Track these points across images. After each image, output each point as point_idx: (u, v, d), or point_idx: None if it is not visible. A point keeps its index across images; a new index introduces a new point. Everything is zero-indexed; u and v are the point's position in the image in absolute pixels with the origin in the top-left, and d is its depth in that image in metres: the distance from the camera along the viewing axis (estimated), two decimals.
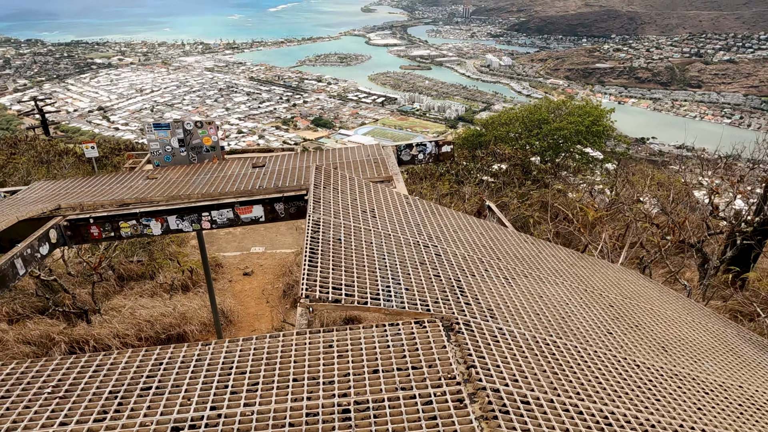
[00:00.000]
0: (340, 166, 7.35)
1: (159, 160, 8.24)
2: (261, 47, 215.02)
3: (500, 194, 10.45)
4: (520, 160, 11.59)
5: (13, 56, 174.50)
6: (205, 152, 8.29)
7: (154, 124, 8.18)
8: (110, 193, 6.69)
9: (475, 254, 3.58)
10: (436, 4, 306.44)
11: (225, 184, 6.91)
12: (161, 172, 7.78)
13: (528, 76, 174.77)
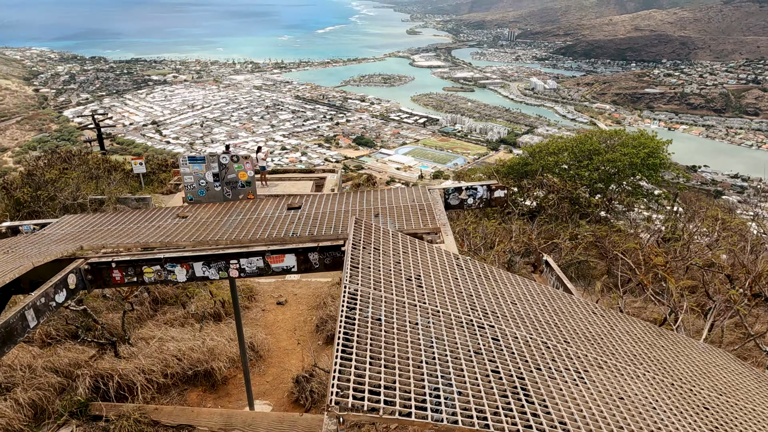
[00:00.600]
0: (382, 212, 6.74)
1: (192, 194, 7.93)
2: (308, 67, 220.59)
3: (549, 231, 9.74)
4: (568, 192, 10.84)
5: (78, 72, 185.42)
6: (240, 187, 7.98)
7: (189, 157, 7.94)
8: (136, 233, 6.39)
9: (539, 336, 3.05)
10: (482, 27, 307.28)
11: (257, 228, 6.51)
12: (192, 210, 7.46)
13: (573, 99, 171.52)
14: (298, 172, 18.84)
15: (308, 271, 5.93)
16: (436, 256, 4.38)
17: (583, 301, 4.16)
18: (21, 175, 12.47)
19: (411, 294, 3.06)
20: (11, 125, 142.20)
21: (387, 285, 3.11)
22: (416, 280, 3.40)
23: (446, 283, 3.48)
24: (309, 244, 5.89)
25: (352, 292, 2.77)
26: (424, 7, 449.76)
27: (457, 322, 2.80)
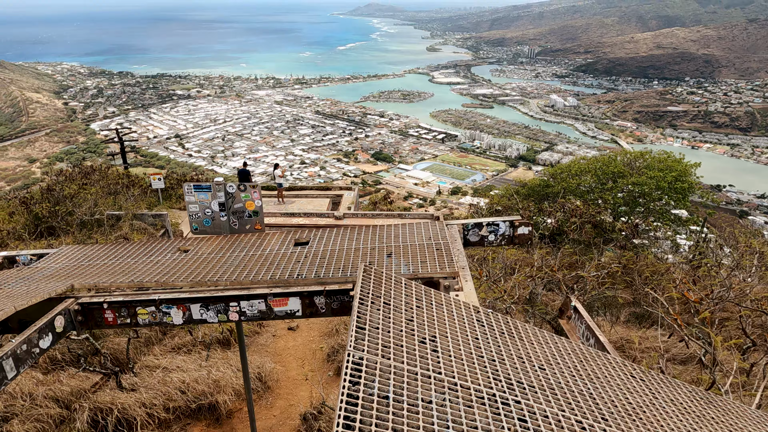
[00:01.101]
0: (395, 252, 6.24)
1: (198, 224, 7.55)
2: (328, 83, 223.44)
3: (573, 259, 9.26)
4: (591, 216, 10.34)
5: (106, 86, 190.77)
6: (248, 217, 7.58)
7: (195, 186, 7.54)
8: (132, 270, 6.07)
9: (573, 413, 2.66)
10: (502, 44, 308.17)
11: (260, 267, 6.13)
12: (194, 244, 7.11)
13: (594, 117, 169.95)
14: (315, 189, 18.67)
15: (314, 316, 5.53)
16: (454, 311, 3.93)
17: (620, 362, 3.71)
18: (41, 190, 12.53)
19: (425, 361, 2.68)
20: (41, 137, 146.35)
21: (397, 351, 2.72)
22: (431, 342, 2.99)
23: (465, 346, 3.05)
24: (315, 288, 5.55)
25: (357, 361, 2.41)
26: (444, 24, 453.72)
27: (477, 397, 2.43)
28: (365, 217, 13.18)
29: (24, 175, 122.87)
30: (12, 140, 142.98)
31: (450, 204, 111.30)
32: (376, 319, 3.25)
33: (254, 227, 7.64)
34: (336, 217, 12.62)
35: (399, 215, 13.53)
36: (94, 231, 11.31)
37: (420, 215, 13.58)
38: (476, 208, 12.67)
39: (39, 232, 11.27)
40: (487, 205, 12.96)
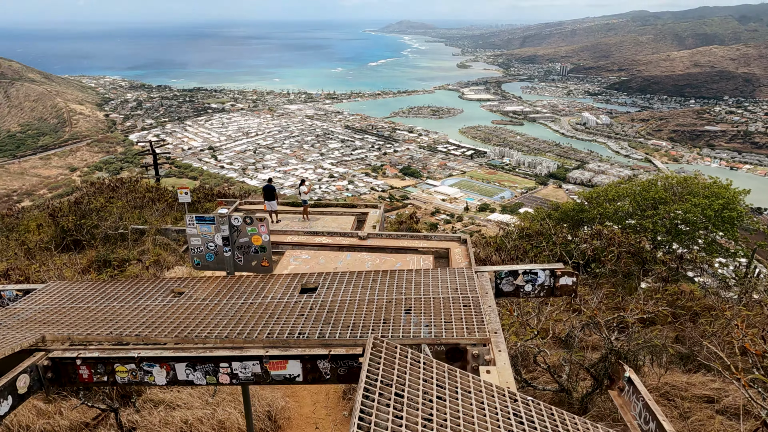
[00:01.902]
0: (416, 306, 5.56)
1: (200, 259, 6.98)
2: (358, 98, 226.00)
3: (610, 290, 8.74)
4: (630, 245, 9.70)
5: (145, 99, 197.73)
6: (254, 253, 6.93)
7: (197, 217, 6.90)
8: (115, 316, 5.64)
9: None
10: (533, 61, 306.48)
11: (258, 320, 5.56)
12: (191, 285, 6.53)
13: (627, 135, 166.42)
14: (340, 206, 18.62)
15: (317, 382, 4.99)
16: (485, 402, 3.22)
17: None
18: (68, 203, 12.81)
19: None
20: (82, 147, 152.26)
21: None
22: None
23: None
24: (319, 351, 4.94)
25: None
26: (476, 41, 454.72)
27: None
28: (390, 238, 13.01)
29: (65, 183, 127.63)
30: (56, 149, 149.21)
31: (477, 221, 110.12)
32: (384, 418, 2.81)
33: (261, 264, 7.03)
34: (360, 237, 12.50)
35: (425, 237, 13.32)
36: (117, 245, 11.47)
37: (447, 237, 13.31)
38: (506, 232, 12.18)
39: (65, 244, 11.49)
40: (516, 229, 12.50)
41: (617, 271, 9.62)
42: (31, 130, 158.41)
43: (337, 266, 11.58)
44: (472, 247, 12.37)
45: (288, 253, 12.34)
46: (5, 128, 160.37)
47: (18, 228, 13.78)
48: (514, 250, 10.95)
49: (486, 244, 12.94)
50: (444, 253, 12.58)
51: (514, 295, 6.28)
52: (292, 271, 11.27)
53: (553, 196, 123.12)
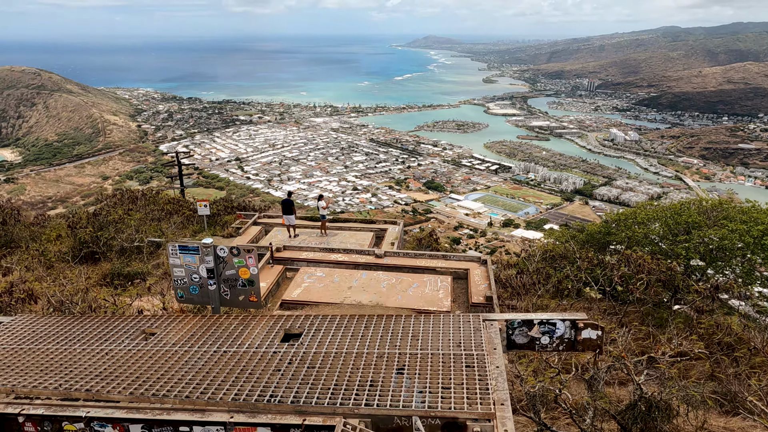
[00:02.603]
0: (410, 362, 4.79)
1: (183, 291, 6.42)
2: (383, 112, 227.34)
3: (640, 323, 8.13)
4: (662, 273, 9.03)
5: (176, 111, 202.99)
6: (241, 287, 6.31)
7: (180, 246, 6.36)
8: (74, 363, 5.11)
9: None
10: (560, 76, 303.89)
11: (227, 374, 4.88)
12: (163, 325, 5.86)
13: (656, 152, 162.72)
14: (359, 222, 18.38)
15: None
16: None
17: None
18: (87, 215, 12.91)
19: None
20: (114, 156, 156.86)
21: None
22: None
23: None
24: (291, 419, 4.21)
25: None
26: (502, 57, 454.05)
27: None
28: (407, 256, 12.69)
29: (97, 191, 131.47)
30: (89, 158, 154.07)
31: (501, 236, 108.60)
32: None
33: (249, 299, 6.36)
34: (376, 255, 12.21)
35: (443, 256, 12.96)
36: (133, 258, 11.46)
37: (466, 257, 12.92)
38: (528, 253, 11.64)
39: (83, 256, 11.55)
40: (539, 251, 11.97)
41: (646, 300, 9.01)
42: (67, 140, 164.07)
43: (351, 285, 11.32)
44: (492, 269, 11.95)
45: (302, 270, 12.14)
46: (43, 137, 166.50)
47: (41, 238, 13.97)
48: (536, 274, 10.47)
49: (507, 265, 12.50)
50: (463, 274, 12.19)
51: (528, 347, 5.25)
52: (305, 289, 11.05)
53: (579, 212, 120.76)
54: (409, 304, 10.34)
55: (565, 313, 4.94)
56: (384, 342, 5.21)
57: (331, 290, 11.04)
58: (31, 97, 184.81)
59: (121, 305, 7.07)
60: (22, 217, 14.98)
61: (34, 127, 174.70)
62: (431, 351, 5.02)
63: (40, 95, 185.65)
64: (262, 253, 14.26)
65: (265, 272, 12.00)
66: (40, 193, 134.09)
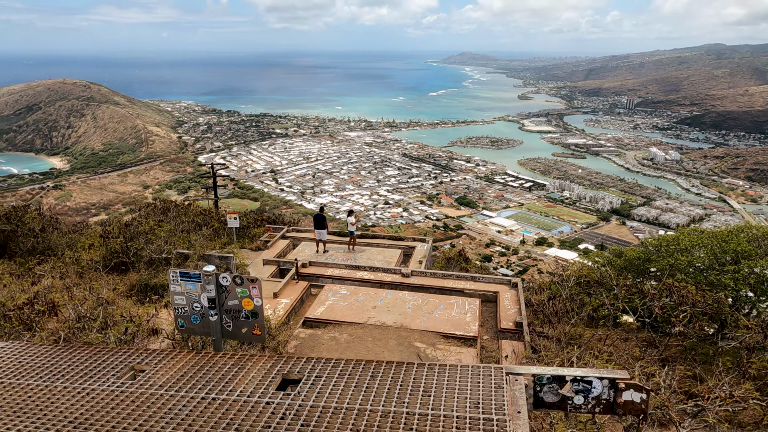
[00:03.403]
0: (419, 425, 4.08)
1: (184, 321, 6.16)
2: (417, 127, 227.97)
3: (682, 357, 7.47)
4: (708, 305, 8.32)
5: (215, 123, 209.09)
6: (244, 319, 6.01)
7: (181, 273, 6.08)
8: (56, 402, 4.71)
9: None
10: (597, 94, 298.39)
11: (213, 427, 4.36)
12: (154, 362, 5.34)
13: (699, 173, 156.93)
14: (387, 239, 18.15)
15: None
16: None
17: None
18: (119, 225, 13.17)
19: None
20: (155, 166, 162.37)
21: None
22: None
23: None
24: None
25: None
26: (538, 73, 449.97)
27: None
28: (434, 276, 12.37)
29: (137, 199, 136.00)
30: (132, 167, 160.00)
31: (534, 255, 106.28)
32: None
33: (252, 332, 6.03)
34: (403, 274, 11.95)
35: (472, 277, 12.58)
36: (161, 269, 11.56)
37: (496, 279, 12.51)
38: (561, 278, 11.08)
39: (113, 265, 11.75)
40: (574, 275, 11.41)
41: (690, 334, 8.37)
42: (112, 149, 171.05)
43: (376, 304, 11.07)
44: (523, 292, 11.49)
45: (327, 287, 11.97)
46: (90, 146, 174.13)
47: (76, 246, 14.32)
48: (570, 301, 9.96)
49: (539, 289, 12.02)
50: (492, 297, 11.78)
51: (558, 407, 4.49)
52: (329, 307, 10.86)
53: (615, 232, 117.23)
54: (435, 328, 10.01)
55: (604, 370, 4.30)
56: (391, 397, 4.70)
57: (355, 309, 10.82)
58: (80, 108, 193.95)
59: (138, 321, 7.02)
60: (59, 225, 15.44)
61: (82, 136, 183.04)
62: (444, 412, 4.44)
63: (89, 107, 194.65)
64: (287, 269, 14.21)
65: (290, 288, 11.89)
66: (85, 200, 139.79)
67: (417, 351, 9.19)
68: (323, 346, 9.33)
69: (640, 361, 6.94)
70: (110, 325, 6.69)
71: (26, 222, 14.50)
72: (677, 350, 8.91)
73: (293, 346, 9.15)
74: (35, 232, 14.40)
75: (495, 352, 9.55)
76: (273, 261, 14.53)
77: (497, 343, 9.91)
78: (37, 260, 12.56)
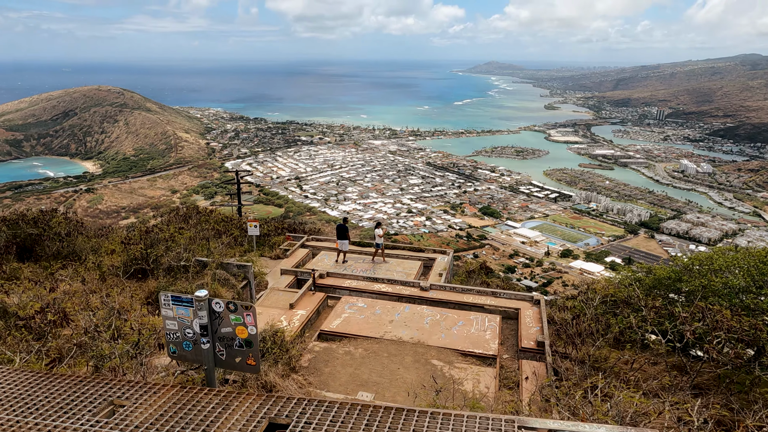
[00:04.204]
0: None
1: (176, 347, 5.77)
2: (441, 136, 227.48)
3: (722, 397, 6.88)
4: (745, 332, 7.72)
5: (242, 130, 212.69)
6: (238, 347, 5.60)
7: (173, 297, 5.70)
8: None
9: None
10: (626, 104, 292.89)
11: None
12: (134, 398, 4.92)
13: (732, 186, 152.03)
14: (407, 250, 17.91)
15: None
16: None
17: None
18: (139, 232, 13.29)
19: None
20: (184, 171, 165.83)
21: None
22: None
23: None
24: None
25: None
26: (565, 83, 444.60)
27: None
28: (454, 291, 12.06)
29: (166, 204, 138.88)
30: (161, 172, 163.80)
31: (559, 267, 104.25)
32: None
33: (246, 362, 5.61)
34: (422, 287, 11.69)
35: (493, 293, 12.23)
36: (179, 277, 11.57)
37: (518, 295, 12.13)
38: (586, 297, 10.57)
39: (133, 272, 11.84)
40: (600, 294, 10.90)
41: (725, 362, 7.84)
42: (143, 154, 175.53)
43: (393, 319, 10.83)
44: (545, 310, 11.09)
45: (344, 300, 11.80)
46: (122, 151, 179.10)
47: (100, 250, 14.51)
48: (595, 322, 9.49)
49: (563, 307, 11.59)
50: (513, 314, 11.40)
51: None
52: (345, 319, 10.67)
53: (644, 246, 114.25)
54: (453, 345, 9.71)
55: (630, 429, 3.85)
56: None
57: (371, 323, 10.60)
58: (114, 114, 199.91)
59: (147, 335, 6.95)
60: (85, 229, 15.69)
61: (114, 141, 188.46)
62: None
63: (122, 113, 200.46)
64: (305, 279, 14.11)
65: (306, 299, 11.76)
66: (116, 203, 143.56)
67: (433, 369, 8.91)
68: (338, 360, 9.13)
69: (670, 395, 6.48)
70: (117, 338, 6.63)
71: (53, 226, 14.78)
72: (710, 376, 8.41)
73: (307, 359, 8.98)
74: (61, 236, 14.65)
75: (515, 372, 9.19)
76: (290, 271, 14.45)
77: (517, 362, 9.55)
78: (61, 264, 12.75)
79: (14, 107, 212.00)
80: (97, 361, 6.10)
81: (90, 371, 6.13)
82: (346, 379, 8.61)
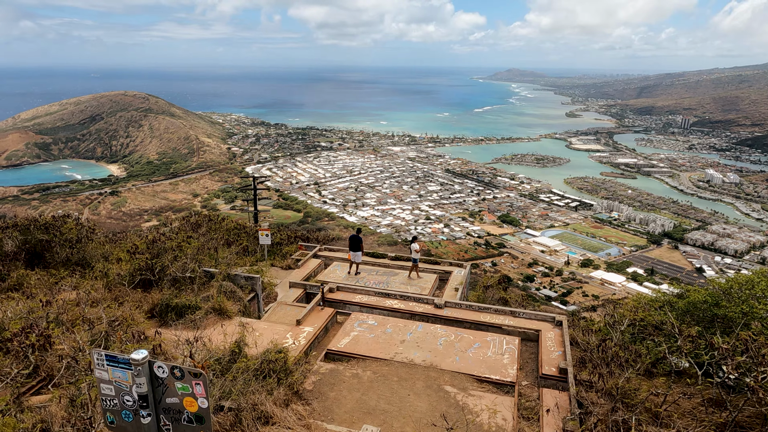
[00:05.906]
0: None
1: (113, 416, 4.71)
2: (461, 143, 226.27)
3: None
4: None
5: (263, 135, 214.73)
6: (186, 422, 4.55)
7: (107, 356, 4.64)
8: None
9: None
10: (650, 113, 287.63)
11: None
12: None
13: (760, 197, 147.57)
14: (422, 262, 17.30)
15: None
16: None
17: None
18: (146, 241, 12.98)
19: None
20: (205, 176, 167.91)
21: None
22: None
23: None
24: None
25: None
26: (587, 91, 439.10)
27: None
28: (470, 309, 11.42)
29: (187, 207, 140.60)
30: (183, 176, 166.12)
31: (579, 276, 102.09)
32: None
33: None
34: (436, 305, 11.10)
35: (512, 312, 11.57)
36: (184, 289, 11.20)
37: (538, 315, 11.45)
38: (613, 319, 9.79)
39: (139, 281, 11.52)
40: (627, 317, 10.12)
41: None
42: (166, 158, 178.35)
43: (405, 338, 10.24)
44: (568, 332, 10.38)
45: (354, 316, 11.25)
46: (146, 155, 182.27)
47: (110, 258, 14.26)
48: (623, 350, 8.71)
49: (587, 329, 10.85)
50: (533, 336, 10.72)
51: None
52: (354, 338, 10.12)
53: (667, 257, 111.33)
54: (468, 369, 9.08)
55: None
56: None
57: (381, 343, 10.03)
58: (139, 119, 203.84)
59: None
60: (96, 235, 15.50)
61: (139, 145, 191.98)
62: None
63: (147, 117, 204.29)
64: (314, 293, 13.63)
65: (314, 315, 11.26)
66: (139, 206, 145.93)
67: (446, 396, 8.30)
68: (344, 384, 8.58)
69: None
70: None
71: (64, 232, 14.60)
72: (752, 413, 7.66)
73: (311, 382, 8.46)
74: (71, 242, 14.45)
75: (534, 402, 8.51)
76: (299, 284, 13.96)
77: (538, 391, 8.88)
78: (68, 272, 12.52)
79: (45, 111, 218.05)
80: (72, 396, 5.69)
81: (65, 405, 5.67)
82: (351, 406, 8.05)
